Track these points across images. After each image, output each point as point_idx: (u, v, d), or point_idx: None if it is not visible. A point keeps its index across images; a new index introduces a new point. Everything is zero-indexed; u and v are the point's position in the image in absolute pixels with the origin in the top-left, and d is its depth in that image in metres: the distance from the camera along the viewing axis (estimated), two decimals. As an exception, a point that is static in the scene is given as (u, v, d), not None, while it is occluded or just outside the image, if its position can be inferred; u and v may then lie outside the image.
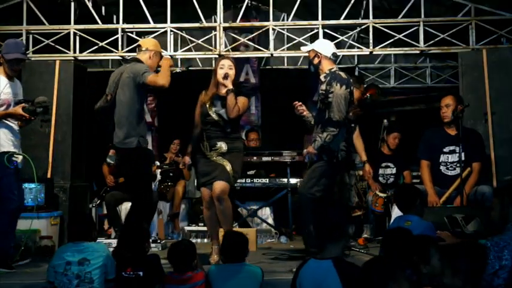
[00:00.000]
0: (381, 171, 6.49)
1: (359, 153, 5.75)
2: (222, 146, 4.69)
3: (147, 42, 4.90)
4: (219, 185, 4.57)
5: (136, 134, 4.57)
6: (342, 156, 4.53)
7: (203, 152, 4.74)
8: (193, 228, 6.58)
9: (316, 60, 4.69)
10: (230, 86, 4.66)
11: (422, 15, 6.25)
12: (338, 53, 7.17)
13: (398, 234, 3.21)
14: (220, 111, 4.70)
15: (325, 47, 4.75)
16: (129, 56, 6.66)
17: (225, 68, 4.72)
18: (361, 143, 5.73)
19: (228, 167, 4.63)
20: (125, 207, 6.40)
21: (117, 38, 6.43)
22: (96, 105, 4.75)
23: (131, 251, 3.57)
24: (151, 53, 4.74)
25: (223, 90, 4.72)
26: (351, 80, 4.67)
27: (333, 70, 4.62)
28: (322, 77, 4.63)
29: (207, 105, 4.75)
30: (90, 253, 3.52)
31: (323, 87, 4.58)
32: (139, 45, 4.85)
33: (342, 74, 4.58)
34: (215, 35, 6.58)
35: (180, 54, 6.94)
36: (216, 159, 4.68)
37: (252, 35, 7.19)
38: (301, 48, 5.04)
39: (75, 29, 6.39)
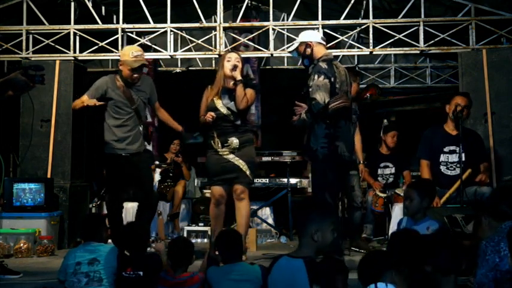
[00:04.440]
0: (379, 171, 6.48)
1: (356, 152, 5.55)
2: (234, 141, 4.67)
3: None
4: (241, 187, 4.67)
5: (105, 141, 4.81)
6: (323, 154, 4.24)
7: (215, 149, 4.73)
8: (193, 228, 6.59)
9: (308, 51, 4.48)
10: (239, 77, 4.64)
11: (422, 15, 6.25)
12: (338, 53, 7.28)
13: (405, 235, 3.18)
14: (229, 105, 4.68)
15: (311, 34, 4.58)
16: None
17: (232, 61, 4.69)
18: (358, 143, 5.61)
19: (245, 167, 4.66)
20: (125, 207, 6.40)
21: (117, 38, 6.42)
22: None
23: (130, 251, 3.57)
24: (120, 64, 4.82)
25: (231, 83, 4.70)
26: (334, 71, 4.33)
27: (321, 59, 4.38)
28: (310, 69, 4.45)
29: (215, 100, 4.71)
30: (100, 254, 3.53)
31: (309, 81, 4.37)
32: None
33: (323, 64, 4.33)
34: (215, 35, 6.57)
35: (180, 54, 6.93)
36: (229, 157, 4.67)
37: (252, 35, 7.21)
38: (288, 50, 4.77)
39: (75, 29, 6.39)
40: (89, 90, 4.76)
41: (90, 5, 6.44)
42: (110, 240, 5.66)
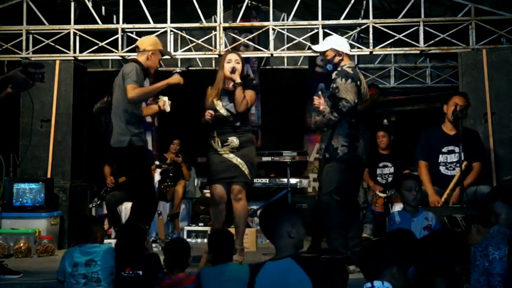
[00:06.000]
0: (378, 171, 6.49)
1: None
2: (234, 140, 4.66)
3: (144, 42, 4.82)
4: (238, 187, 4.65)
5: (129, 132, 4.54)
6: (344, 152, 4.35)
7: (215, 149, 4.72)
8: (193, 228, 6.59)
9: (337, 59, 4.55)
10: (238, 80, 4.62)
11: (422, 15, 6.24)
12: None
13: (399, 235, 3.19)
14: (229, 106, 4.67)
15: (343, 43, 4.62)
16: (129, 56, 6.67)
17: (232, 62, 4.67)
18: None
19: (244, 167, 4.64)
20: (125, 207, 6.40)
21: (117, 38, 6.42)
22: (95, 107, 4.76)
23: (128, 250, 3.58)
24: (149, 54, 4.72)
25: (230, 85, 4.69)
26: (359, 76, 4.48)
27: (346, 66, 4.49)
28: (334, 74, 4.51)
29: (214, 101, 4.71)
30: (97, 254, 3.53)
31: (333, 84, 4.47)
32: (137, 46, 4.81)
33: (349, 69, 4.45)
34: (215, 35, 6.57)
35: (180, 54, 6.93)
36: (229, 157, 4.66)
37: (252, 35, 7.21)
38: (315, 47, 4.75)
39: (75, 29, 6.39)
40: (135, 77, 4.48)
41: (90, 5, 6.44)
42: (109, 241, 5.70)
